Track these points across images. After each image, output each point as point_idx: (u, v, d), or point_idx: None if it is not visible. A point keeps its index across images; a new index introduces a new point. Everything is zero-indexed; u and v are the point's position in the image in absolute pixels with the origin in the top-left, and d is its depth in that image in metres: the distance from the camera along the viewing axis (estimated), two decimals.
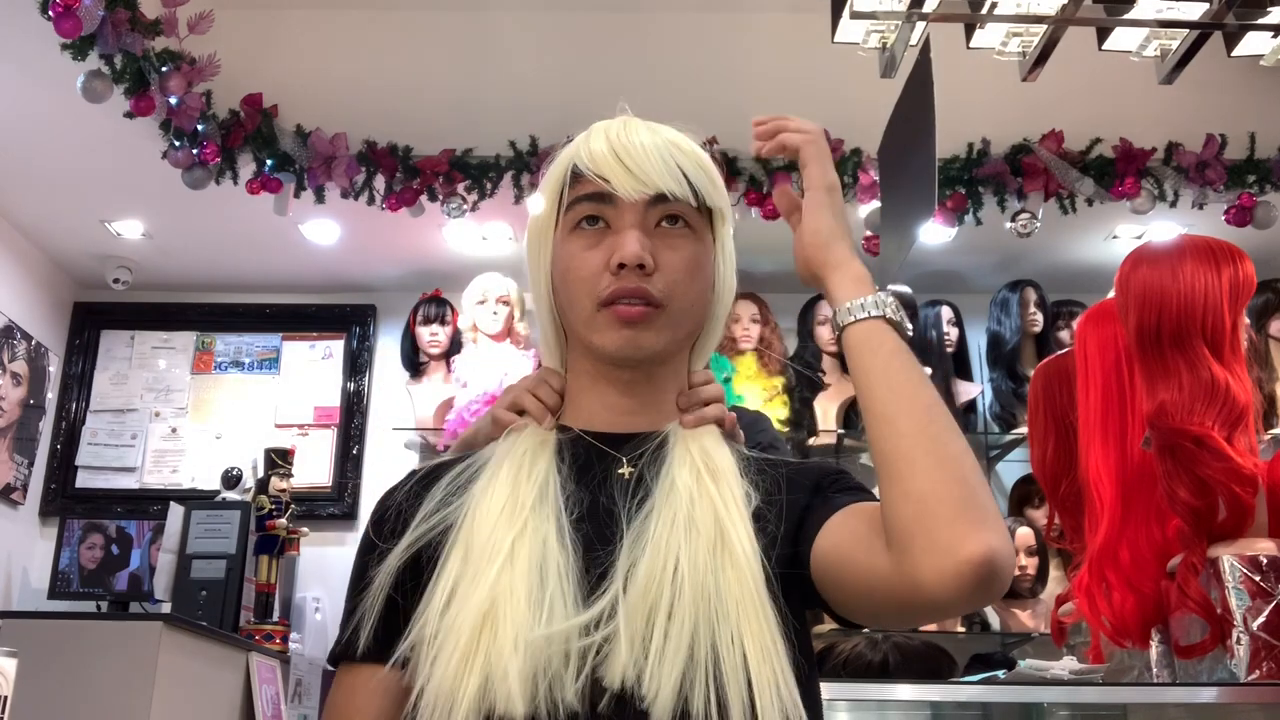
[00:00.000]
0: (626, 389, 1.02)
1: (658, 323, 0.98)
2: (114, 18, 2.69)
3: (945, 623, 3.58)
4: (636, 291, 0.97)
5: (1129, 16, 2.18)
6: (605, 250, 0.98)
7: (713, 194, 1.02)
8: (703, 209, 1.02)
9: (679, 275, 0.99)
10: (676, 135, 1.03)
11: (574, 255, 1.00)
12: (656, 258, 0.98)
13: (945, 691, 1.72)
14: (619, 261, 0.97)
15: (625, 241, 0.97)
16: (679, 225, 1.00)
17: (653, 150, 0.99)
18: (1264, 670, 1.59)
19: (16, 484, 3.88)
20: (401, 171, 3.40)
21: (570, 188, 1.02)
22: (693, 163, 1.01)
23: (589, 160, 1.00)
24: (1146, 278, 1.76)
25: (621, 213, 0.99)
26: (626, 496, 0.95)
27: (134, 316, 4.28)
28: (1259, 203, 3.41)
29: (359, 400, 4.20)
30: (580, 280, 0.99)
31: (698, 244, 1.02)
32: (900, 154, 2.36)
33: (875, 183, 3.30)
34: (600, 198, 0.99)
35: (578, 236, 1.01)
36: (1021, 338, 3.91)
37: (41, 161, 3.45)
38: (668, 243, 1.00)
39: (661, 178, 0.98)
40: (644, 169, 0.98)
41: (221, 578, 2.84)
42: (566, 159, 1.04)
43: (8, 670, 1.19)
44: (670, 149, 1.00)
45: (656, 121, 1.05)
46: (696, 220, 1.02)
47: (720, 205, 1.04)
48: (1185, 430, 1.67)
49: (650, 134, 1.01)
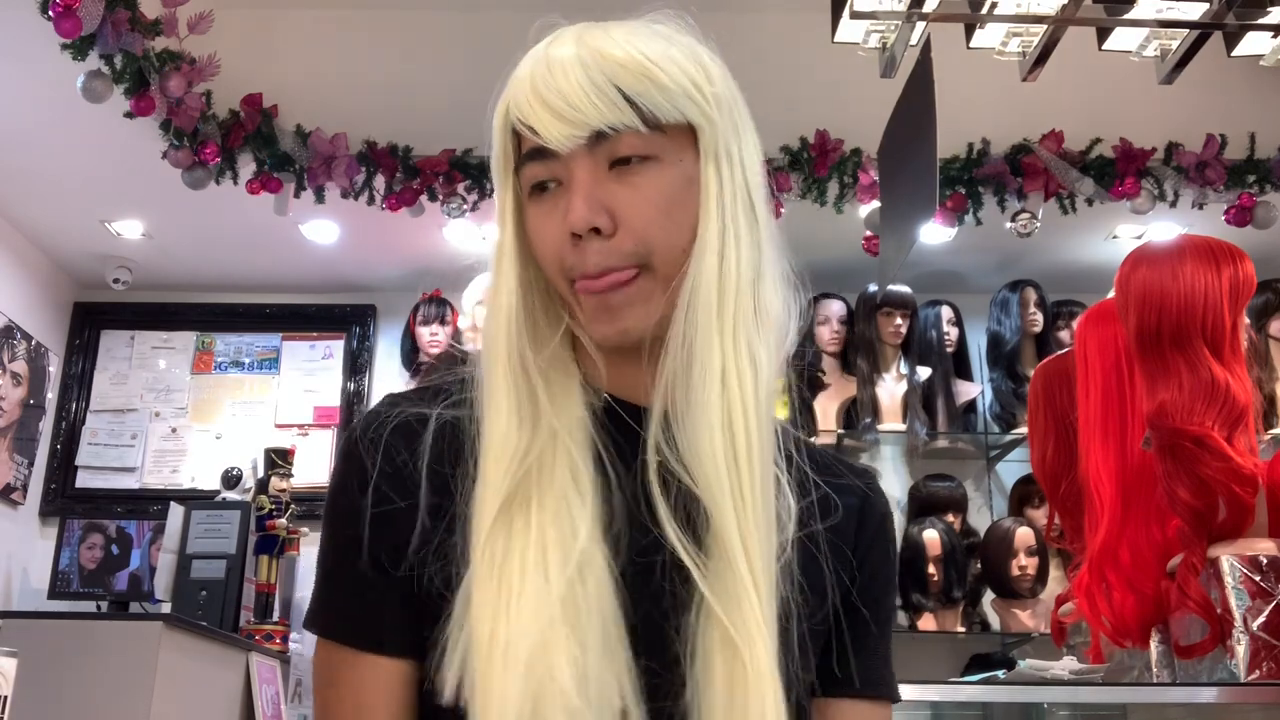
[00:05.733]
0: (631, 356, 0.84)
1: (641, 290, 0.81)
2: (114, 18, 2.69)
3: (945, 623, 3.58)
4: (598, 267, 0.80)
5: (1129, 16, 2.18)
6: (562, 215, 0.81)
7: (668, 105, 0.80)
8: (665, 128, 0.81)
9: (648, 218, 0.80)
10: (613, 37, 0.81)
11: (535, 224, 0.83)
12: (615, 210, 0.79)
13: (945, 691, 1.72)
14: (569, 231, 0.80)
15: (571, 206, 0.79)
16: (634, 163, 0.80)
17: (577, 77, 0.79)
18: (1264, 670, 1.59)
19: (16, 484, 3.88)
20: (401, 171, 3.40)
21: (516, 144, 0.84)
22: (634, 73, 0.79)
23: (516, 110, 0.82)
24: (1146, 278, 1.76)
25: (566, 165, 0.80)
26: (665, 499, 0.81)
27: (134, 316, 4.28)
28: (1259, 203, 3.41)
29: (359, 400, 4.19)
30: (544, 257, 0.83)
31: (667, 172, 0.81)
32: (900, 154, 2.36)
33: (875, 183, 3.30)
34: (540, 153, 0.81)
35: (534, 202, 0.83)
36: (1021, 338, 3.91)
37: (42, 161, 3.44)
38: (626, 184, 0.80)
39: (593, 110, 0.78)
40: (570, 104, 0.78)
41: (221, 578, 2.84)
42: (505, 103, 0.84)
43: (8, 670, 1.19)
44: (602, 65, 0.79)
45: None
46: (658, 145, 0.81)
47: (688, 113, 0.82)
48: (1185, 430, 1.67)
49: (576, 50, 0.80)
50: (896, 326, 3.89)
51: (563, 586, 0.76)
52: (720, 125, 0.84)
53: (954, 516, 3.76)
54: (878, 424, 3.84)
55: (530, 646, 0.74)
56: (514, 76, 0.84)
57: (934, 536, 3.58)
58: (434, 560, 0.81)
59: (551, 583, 0.76)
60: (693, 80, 0.82)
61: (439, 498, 0.83)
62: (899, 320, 3.90)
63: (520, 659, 0.73)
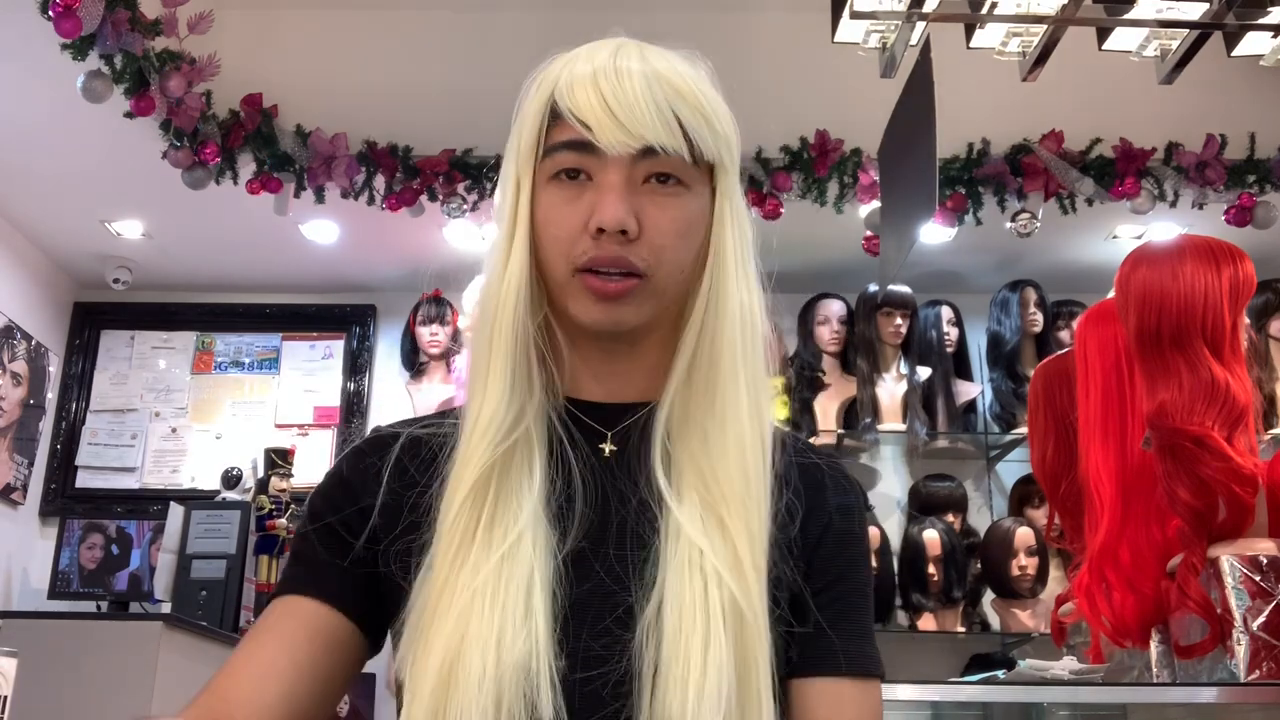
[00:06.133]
0: (608, 355, 0.93)
1: (640, 295, 0.87)
2: (114, 18, 2.69)
3: (945, 623, 3.59)
4: (617, 260, 0.86)
5: (1129, 16, 2.18)
6: (585, 208, 0.86)
7: (712, 145, 0.89)
8: (700, 162, 0.89)
9: (666, 240, 0.87)
10: (674, 67, 0.89)
11: (552, 208, 0.88)
12: (642, 219, 0.86)
13: (945, 691, 1.72)
14: (598, 225, 0.85)
15: (606, 203, 0.85)
16: (670, 183, 0.88)
17: (643, 94, 0.85)
18: (1264, 670, 1.59)
19: (16, 484, 3.88)
20: (401, 171, 3.40)
21: (550, 127, 0.89)
22: (692, 107, 0.87)
23: (570, 102, 0.87)
24: (1146, 278, 1.76)
25: (605, 165, 0.86)
26: (609, 478, 0.91)
27: (134, 316, 4.29)
28: (1259, 203, 3.41)
29: (359, 400, 4.20)
30: (555, 240, 0.88)
31: (691, 201, 0.89)
32: (900, 154, 2.36)
33: (875, 183, 3.30)
34: (582, 146, 0.86)
35: (556, 187, 0.88)
36: (1021, 338, 3.91)
37: (41, 161, 3.45)
38: (655, 201, 0.87)
39: (653, 129, 0.85)
40: (634, 117, 0.85)
41: (221, 578, 2.85)
42: (547, 88, 0.90)
43: (8, 670, 1.19)
44: (666, 91, 0.86)
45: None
46: (691, 175, 0.89)
47: (721, 157, 0.90)
48: (1185, 430, 1.67)
49: (642, 67, 0.87)
50: (896, 326, 3.90)
51: (497, 560, 0.84)
52: (734, 169, 0.93)
53: (954, 516, 3.76)
54: (878, 424, 3.84)
55: (456, 614, 0.83)
56: (565, 69, 0.90)
57: (934, 536, 3.58)
58: (397, 549, 0.90)
59: (490, 556, 0.85)
60: (730, 129, 0.92)
61: (404, 494, 0.92)
62: (899, 320, 3.90)
63: (445, 627, 0.83)
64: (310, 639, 0.88)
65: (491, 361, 0.89)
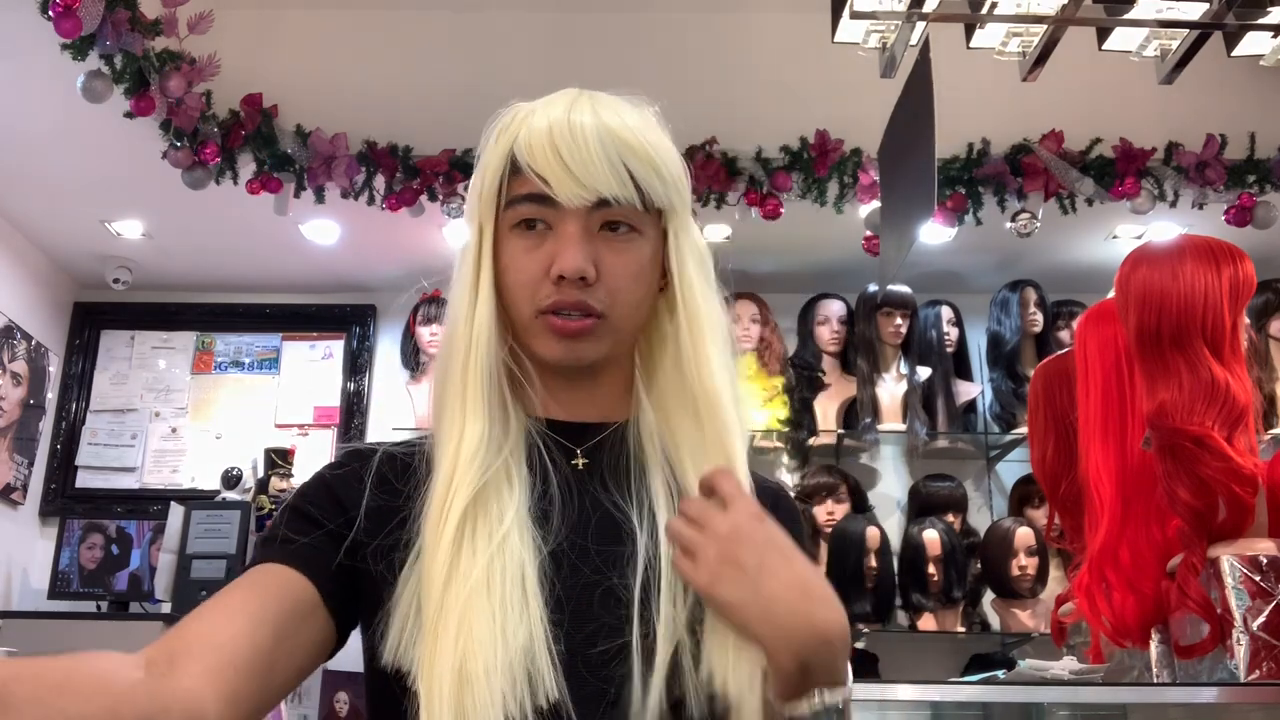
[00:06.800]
0: (570, 384, 1.00)
1: (598, 333, 0.96)
2: (114, 18, 2.69)
3: (945, 623, 3.59)
4: (577, 304, 0.94)
5: (1129, 16, 2.18)
6: (545, 256, 0.94)
7: (661, 192, 0.96)
8: (650, 209, 0.97)
9: (621, 283, 0.95)
10: (624, 120, 0.95)
11: (515, 256, 0.96)
12: (599, 265, 0.94)
13: (945, 691, 1.72)
14: (559, 273, 0.93)
15: (566, 253, 0.93)
16: (622, 230, 0.96)
17: (597, 150, 0.93)
18: (1264, 670, 1.59)
19: (16, 484, 3.88)
20: (401, 171, 3.40)
21: (510, 179, 0.97)
22: (641, 159, 0.95)
23: (529, 159, 0.94)
24: (1146, 278, 1.76)
25: (563, 216, 0.94)
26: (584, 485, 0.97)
27: (134, 316, 4.28)
28: (1259, 203, 3.41)
29: (359, 400, 4.20)
30: (520, 285, 0.96)
31: (645, 246, 0.97)
32: (900, 154, 2.36)
33: (875, 183, 3.30)
34: (542, 199, 0.94)
35: (518, 236, 0.96)
36: (1021, 338, 3.91)
37: (41, 161, 3.45)
38: (611, 247, 0.95)
39: (606, 182, 0.93)
40: (588, 173, 0.92)
41: (221, 578, 2.85)
42: (506, 142, 0.97)
43: None
44: (618, 145, 0.94)
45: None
46: (642, 221, 0.97)
47: (671, 201, 0.98)
48: (1185, 430, 1.67)
49: (594, 122, 0.94)
50: (896, 326, 3.90)
51: (486, 560, 0.89)
52: (685, 209, 1.00)
53: (954, 516, 3.76)
54: (878, 424, 3.84)
55: (459, 615, 0.87)
56: (523, 124, 0.96)
57: (934, 536, 3.58)
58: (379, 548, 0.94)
59: (478, 559, 0.89)
60: (678, 173, 0.99)
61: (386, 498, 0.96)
62: (899, 320, 3.90)
63: (450, 628, 0.86)
64: (279, 599, 0.89)
65: (467, 393, 0.95)
